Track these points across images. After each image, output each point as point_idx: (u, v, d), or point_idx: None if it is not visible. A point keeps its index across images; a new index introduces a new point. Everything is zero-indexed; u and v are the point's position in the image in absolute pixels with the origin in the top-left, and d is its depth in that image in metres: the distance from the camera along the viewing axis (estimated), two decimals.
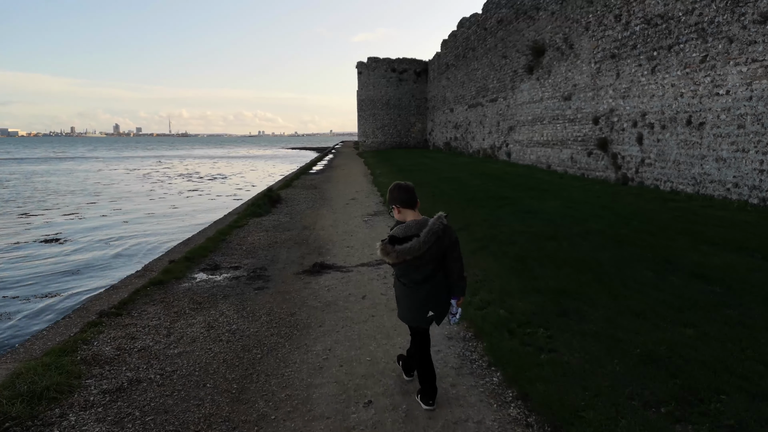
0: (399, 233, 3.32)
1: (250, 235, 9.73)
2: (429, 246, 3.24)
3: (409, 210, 3.42)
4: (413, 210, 3.43)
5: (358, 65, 50.02)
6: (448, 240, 3.37)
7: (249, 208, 12.44)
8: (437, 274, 3.39)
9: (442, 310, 3.47)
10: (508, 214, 9.91)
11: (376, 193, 16.21)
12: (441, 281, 3.41)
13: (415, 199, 3.43)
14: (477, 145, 32.61)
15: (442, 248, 3.35)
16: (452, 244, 3.41)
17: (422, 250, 3.23)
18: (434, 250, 3.30)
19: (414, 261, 3.28)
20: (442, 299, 3.43)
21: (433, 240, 3.26)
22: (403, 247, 3.24)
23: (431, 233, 3.25)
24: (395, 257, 3.26)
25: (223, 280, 6.73)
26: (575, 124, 18.71)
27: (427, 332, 3.60)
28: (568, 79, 19.18)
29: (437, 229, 3.28)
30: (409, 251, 3.23)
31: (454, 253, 3.42)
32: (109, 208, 20.51)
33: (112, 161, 61.08)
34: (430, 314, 3.42)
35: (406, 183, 3.49)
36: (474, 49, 32.84)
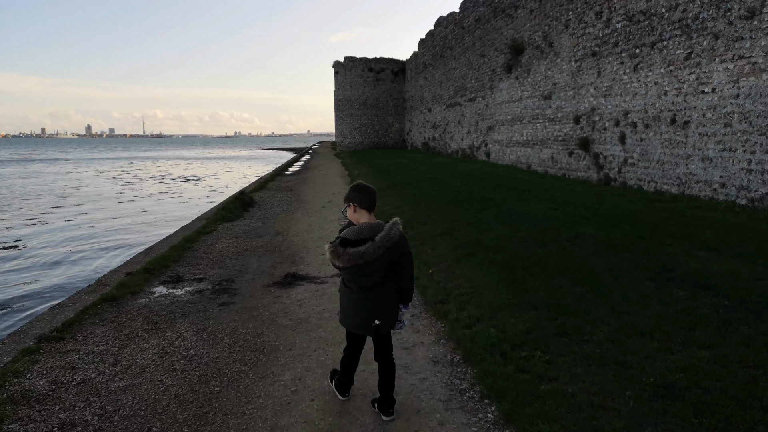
0: (351, 235, 3.16)
1: (219, 242, 9.10)
2: (383, 251, 3.13)
3: (365, 212, 3.29)
4: (369, 213, 3.31)
5: (335, 65, 49.37)
6: (402, 248, 3.27)
7: (219, 212, 11.78)
8: (387, 281, 3.28)
9: (390, 318, 3.35)
10: (493, 217, 9.45)
11: None
12: (390, 288, 3.31)
13: (374, 203, 3.34)
14: (456, 145, 32.27)
15: (395, 255, 3.23)
16: (406, 252, 3.31)
17: (376, 254, 3.11)
18: (387, 257, 3.19)
19: (365, 266, 3.16)
20: (390, 307, 3.33)
21: (388, 246, 3.14)
22: (357, 250, 3.09)
23: (388, 239, 3.14)
24: (346, 261, 3.12)
25: (184, 294, 6.11)
26: (555, 123, 18.42)
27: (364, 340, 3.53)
28: (548, 77, 18.89)
29: (393, 235, 3.17)
30: (363, 255, 3.09)
31: (408, 261, 3.33)
32: (75, 212, 19.62)
33: (82, 163, 59.38)
34: (376, 323, 3.30)
35: (370, 185, 3.40)
36: (452, 48, 32.50)
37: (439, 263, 6.61)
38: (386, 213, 11.10)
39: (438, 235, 8.26)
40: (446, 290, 5.54)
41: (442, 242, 7.74)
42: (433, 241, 7.86)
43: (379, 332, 3.37)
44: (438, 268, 6.40)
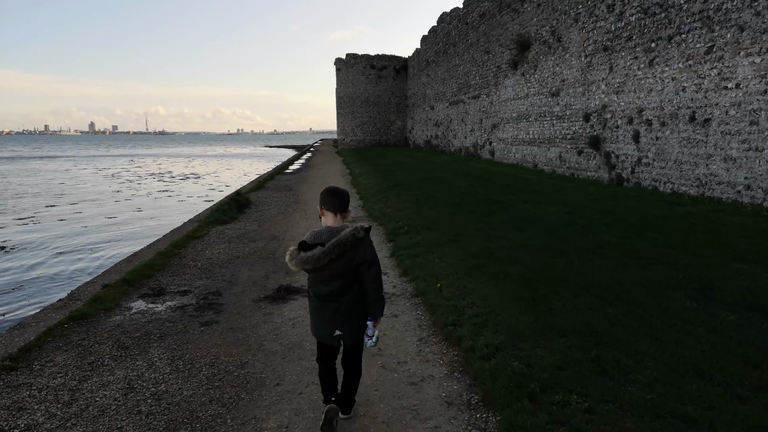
0: (309, 239, 3.06)
1: (209, 247, 8.46)
2: (332, 258, 2.93)
3: (331, 214, 3.12)
4: (335, 216, 3.12)
5: (337, 61, 48.67)
6: (362, 256, 3.04)
7: (213, 214, 11.13)
8: (349, 290, 3.07)
9: (352, 331, 3.17)
10: (503, 222, 8.80)
11: (354, 195, 15.00)
12: (353, 299, 3.10)
13: (341, 204, 3.14)
14: (459, 144, 31.59)
15: (351, 263, 3.02)
16: (368, 260, 3.07)
17: (322, 261, 2.93)
18: (341, 265, 2.99)
19: (318, 273, 3.02)
20: (353, 319, 3.13)
21: (338, 252, 2.94)
22: (304, 255, 2.95)
23: (337, 245, 2.93)
24: (294, 264, 2.99)
25: (165, 310, 5.47)
26: (564, 121, 17.75)
27: (334, 350, 3.29)
28: (556, 74, 18.21)
29: (345, 241, 2.95)
30: (308, 260, 2.94)
31: (371, 270, 3.09)
32: (70, 211, 19.01)
33: (83, 160, 58.79)
34: (337, 333, 3.13)
35: (341, 189, 3.22)
36: (455, 45, 31.80)
37: (448, 276, 5.95)
38: (388, 215, 10.45)
39: (445, 242, 7.60)
40: (458, 309, 4.89)
41: (450, 251, 7.09)
42: (440, 250, 7.21)
43: (345, 344, 3.23)
44: (447, 281, 5.75)
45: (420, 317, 5.06)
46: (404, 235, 8.47)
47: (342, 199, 3.16)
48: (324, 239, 2.99)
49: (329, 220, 3.12)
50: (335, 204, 3.12)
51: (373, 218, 10.79)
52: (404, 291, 5.90)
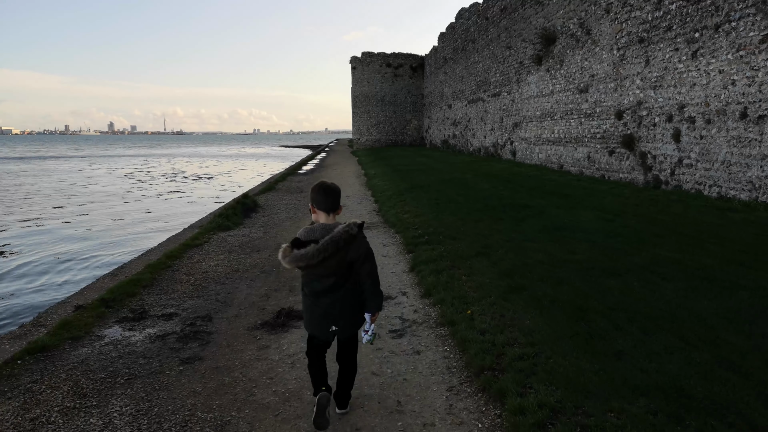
0: (302, 236, 3.06)
1: (207, 258, 7.58)
2: (326, 255, 2.93)
3: (323, 213, 3.10)
4: (327, 214, 3.10)
5: (352, 60, 47.83)
6: (355, 252, 3.06)
7: (215, 219, 10.28)
8: (343, 286, 3.10)
9: (348, 325, 3.20)
10: (537, 231, 7.80)
11: (369, 198, 14.08)
12: (348, 294, 3.12)
13: (334, 203, 3.12)
14: (478, 143, 30.51)
15: (345, 260, 3.04)
16: (361, 256, 3.08)
17: (316, 258, 2.93)
18: (334, 261, 3.00)
19: (313, 270, 3.03)
20: (348, 313, 3.16)
21: (332, 249, 2.94)
22: (298, 252, 2.95)
23: (331, 242, 2.93)
24: (288, 262, 2.98)
25: (142, 341, 4.59)
26: (593, 119, 16.63)
27: (325, 346, 3.31)
28: (585, 69, 17.09)
29: (338, 238, 2.95)
30: (302, 258, 2.93)
31: (365, 267, 3.10)
32: (76, 212, 18.40)
33: (98, 160, 58.74)
34: (332, 329, 3.17)
35: (331, 184, 3.17)
36: (474, 41, 30.73)
37: (480, 300, 4.99)
38: (406, 222, 9.50)
39: (472, 255, 6.63)
40: (496, 347, 3.92)
41: (479, 266, 6.12)
42: (468, 265, 6.24)
43: (340, 338, 3.28)
44: (479, 307, 4.79)
45: (448, 356, 4.10)
46: (424, 245, 7.52)
47: (334, 197, 3.12)
48: (317, 236, 2.98)
49: (322, 218, 3.10)
50: (328, 204, 3.10)
51: (389, 225, 9.85)
52: (427, 317, 4.95)
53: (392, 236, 8.88)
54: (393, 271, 6.64)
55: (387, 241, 8.51)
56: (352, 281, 3.10)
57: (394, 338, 4.50)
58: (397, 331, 4.63)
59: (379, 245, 8.24)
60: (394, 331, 4.65)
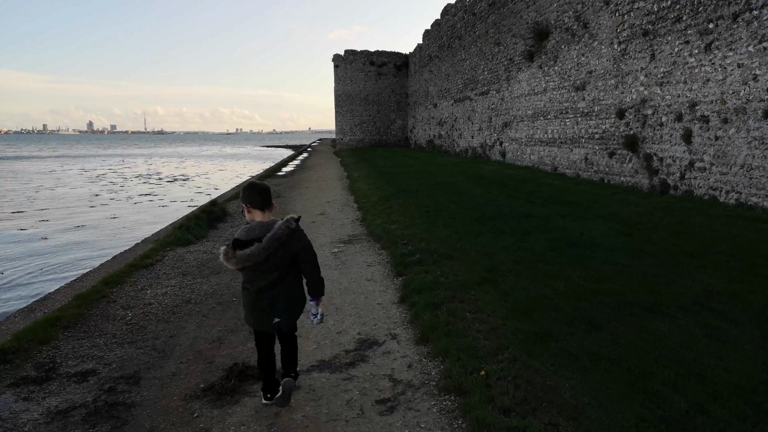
0: (242, 235, 3.13)
1: (156, 284, 6.29)
2: (271, 252, 3.05)
3: (258, 211, 3.21)
4: (263, 212, 3.21)
5: (335, 58, 46.52)
6: (297, 245, 3.18)
7: (175, 231, 8.95)
8: (285, 279, 3.21)
9: (291, 317, 3.31)
10: (547, 248, 6.63)
11: (352, 205, 12.83)
12: (290, 286, 3.26)
13: (268, 201, 3.23)
14: (465, 144, 29.43)
15: (288, 254, 3.16)
16: (303, 249, 3.22)
17: (262, 256, 3.04)
18: (279, 257, 3.11)
19: (256, 267, 3.10)
20: (290, 305, 3.28)
21: (276, 246, 3.06)
22: (243, 253, 3.03)
23: (274, 239, 3.05)
24: (234, 263, 3.07)
25: (35, 420, 3.31)
26: (591, 118, 15.59)
27: (271, 337, 3.39)
28: (581, 65, 16.04)
29: (281, 234, 3.08)
30: (249, 257, 3.03)
31: (308, 257, 3.25)
32: (35, 219, 16.88)
33: (72, 160, 56.64)
34: (275, 320, 3.25)
35: (261, 183, 3.29)
36: (461, 38, 29.64)
37: (496, 353, 3.78)
38: (394, 234, 8.29)
39: (476, 282, 5.43)
40: None
41: (487, 298, 4.93)
42: (471, 296, 5.05)
43: (281, 330, 3.32)
44: (496, 365, 3.58)
45: None
46: (416, 266, 6.32)
47: (266, 195, 3.22)
48: (258, 234, 3.07)
49: (258, 217, 3.20)
50: (262, 201, 3.19)
51: (374, 238, 8.62)
52: (427, 378, 3.73)
53: (378, 252, 7.65)
54: (379, 302, 5.42)
55: (372, 259, 7.28)
56: (293, 273, 3.24)
57: (383, 414, 3.28)
58: (386, 402, 3.42)
59: (363, 264, 7.00)
60: (381, 401, 3.43)
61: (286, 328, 3.31)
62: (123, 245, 11.55)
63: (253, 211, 3.19)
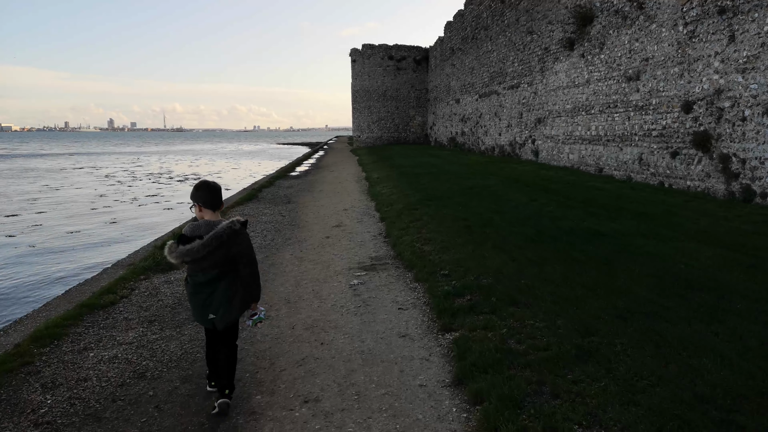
0: (188, 232, 3.23)
1: (105, 340, 4.51)
2: (210, 250, 3.13)
3: (209, 210, 3.31)
4: (213, 211, 3.32)
5: (352, 52, 44.69)
6: (237, 247, 3.24)
7: (154, 253, 7.17)
8: (224, 278, 3.26)
9: (225, 315, 3.31)
10: (655, 292, 4.72)
11: (372, 214, 10.98)
12: (229, 286, 3.29)
13: (218, 201, 3.36)
14: (491, 141, 27.41)
15: (228, 254, 3.22)
16: (241, 252, 3.27)
17: (201, 253, 3.12)
18: (218, 255, 3.18)
19: (196, 263, 3.20)
20: (226, 304, 3.29)
21: (216, 245, 3.13)
22: (184, 248, 3.13)
23: (215, 238, 3.13)
24: (175, 257, 3.18)
25: None
26: (647, 112, 13.54)
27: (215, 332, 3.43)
28: (635, 51, 14.00)
29: (221, 233, 3.14)
30: (188, 253, 3.13)
31: (244, 260, 3.31)
32: (29, 222, 15.46)
33: (84, 158, 55.75)
34: (210, 317, 3.31)
35: (214, 183, 3.38)
36: (487, 28, 27.60)
37: None
38: (428, 259, 6.43)
39: (569, 355, 3.55)
40: None
41: (596, 392, 3.06)
42: (569, 384, 3.18)
43: (217, 327, 3.35)
44: None
45: None
46: (469, 315, 4.47)
47: (217, 195, 3.34)
48: (202, 232, 3.17)
49: (207, 215, 3.29)
50: (215, 202, 3.31)
51: (404, 262, 6.75)
52: None
53: (410, 286, 5.79)
54: (422, 383, 3.58)
55: (404, 298, 5.42)
56: (232, 274, 3.28)
57: None
58: None
59: (392, 307, 5.14)
60: None
61: (220, 326, 3.33)
62: (104, 261, 9.91)
63: (204, 210, 3.29)
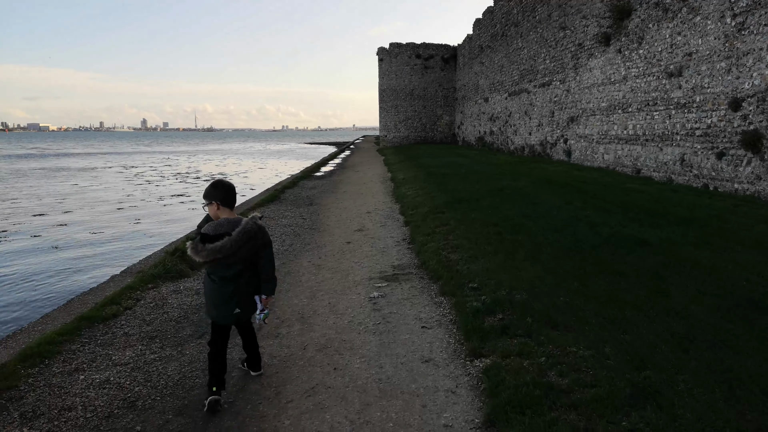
0: (210, 231, 3.30)
1: (99, 360, 4.10)
2: (240, 245, 3.25)
3: (227, 209, 3.43)
4: (231, 209, 3.45)
5: (379, 51, 44.25)
6: (261, 241, 3.40)
7: (165, 259, 6.79)
8: (247, 272, 3.42)
9: (249, 308, 3.51)
10: (716, 316, 4.11)
11: (397, 217, 10.49)
12: (250, 280, 3.45)
13: (235, 200, 3.49)
14: (521, 141, 26.62)
15: (254, 248, 3.37)
16: (265, 244, 3.44)
17: (233, 249, 3.24)
18: (245, 250, 3.31)
19: (225, 259, 3.27)
20: (249, 297, 3.47)
21: (245, 240, 3.27)
22: (215, 245, 3.22)
23: (244, 233, 3.26)
24: (205, 256, 3.23)
25: None
26: (690, 110, 12.71)
27: (228, 330, 3.55)
28: (677, 45, 13.17)
29: (250, 229, 3.29)
30: (221, 250, 3.22)
31: (266, 254, 3.47)
32: (54, 222, 15.48)
33: (116, 157, 56.70)
34: (236, 311, 3.43)
35: (229, 183, 3.50)
36: (517, 25, 26.81)
37: None
38: (455, 269, 5.92)
39: (623, 395, 3.00)
40: None
41: None
42: None
43: (240, 321, 3.56)
44: None
45: None
46: (502, 339, 3.95)
47: (234, 194, 3.49)
48: (226, 230, 3.28)
49: (224, 213, 3.42)
50: (230, 199, 3.44)
51: (429, 272, 6.24)
52: None
53: (435, 300, 5.28)
54: (449, 422, 3.07)
55: (428, 314, 4.91)
56: (252, 267, 3.44)
57: None
58: None
59: (415, 325, 4.64)
60: None
61: (244, 319, 3.53)
62: (121, 265, 9.66)
63: (222, 208, 3.40)
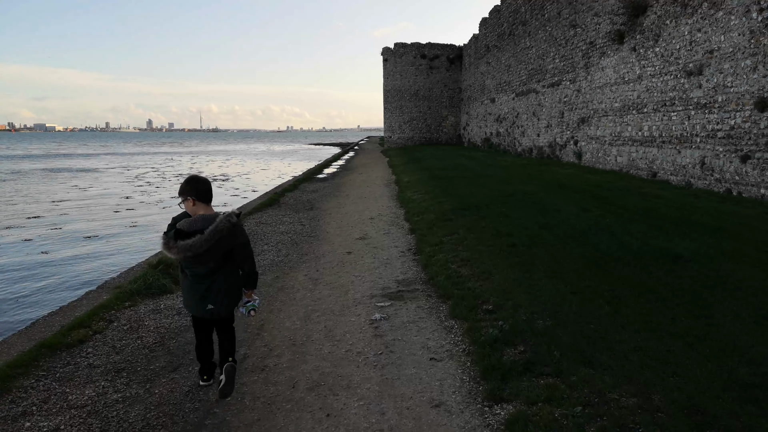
0: (185, 227, 3.26)
1: (52, 401, 3.47)
2: (211, 244, 3.21)
3: (203, 204, 3.40)
4: (207, 204, 3.42)
5: (384, 51, 43.67)
6: (235, 240, 3.36)
7: (148, 272, 6.20)
8: (222, 269, 3.38)
9: (223, 305, 3.45)
10: None
11: (401, 224, 9.86)
12: (227, 276, 3.42)
13: (211, 196, 3.46)
14: (528, 142, 25.95)
15: (227, 246, 3.33)
16: (241, 244, 3.40)
17: (204, 247, 3.20)
18: (218, 248, 3.28)
19: (197, 257, 3.25)
20: (223, 294, 3.42)
21: (217, 238, 3.22)
22: (185, 243, 3.19)
23: (216, 232, 3.21)
24: (176, 253, 3.21)
25: None
26: (711, 111, 12.04)
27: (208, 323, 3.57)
28: (696, 43, 12.50)
29: (222, 228, 3.23)
30: (191, 248, 3.19)
31: (244, 252, 3.44)
32: (48, 224, 14.97)
33: (118, 158, 56.30)
34: (209, 307, 3.42)
35: (205, 178, 3.46)
36: (525, 23, 26.16)
37: None
38: (467, 287, 5.29)
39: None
40: None
41: None
42: None
43: (214, 316, 3.48)
44: None
45: None
46: (525, 379, 3.33)
47: (210, 189, 3.45)
48: (200, 227, 3.23)
49: (201, 209, 3.37)
50: (207, 196, 3.41)
51: (437, 290, 5.60)
52: None
53: (445, 324, 4.65)
54: None
55: (437, 341, 4.28)
56: (229, 264, 3.39)
57: None
58: None
59: (422, 356, 4.01)
60: None
61: (218, 315, 3.45)
62: (108, 271, 9.09)
63: (198, 204, 3.35)
